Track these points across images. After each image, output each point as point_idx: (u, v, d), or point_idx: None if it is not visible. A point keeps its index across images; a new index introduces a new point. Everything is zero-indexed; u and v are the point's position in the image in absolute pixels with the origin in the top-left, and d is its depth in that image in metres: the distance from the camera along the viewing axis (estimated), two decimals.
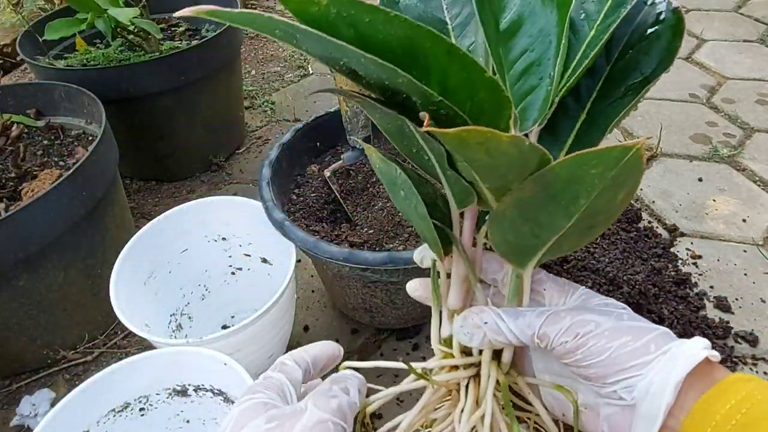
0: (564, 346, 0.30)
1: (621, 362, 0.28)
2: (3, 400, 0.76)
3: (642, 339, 0.29)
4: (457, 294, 0.35)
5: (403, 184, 0.32)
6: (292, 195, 0.77)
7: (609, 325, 0.29)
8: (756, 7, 1.65)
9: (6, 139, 0.82)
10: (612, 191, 0.25)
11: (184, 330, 0.75)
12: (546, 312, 0.31)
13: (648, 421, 0.28)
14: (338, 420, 0.29)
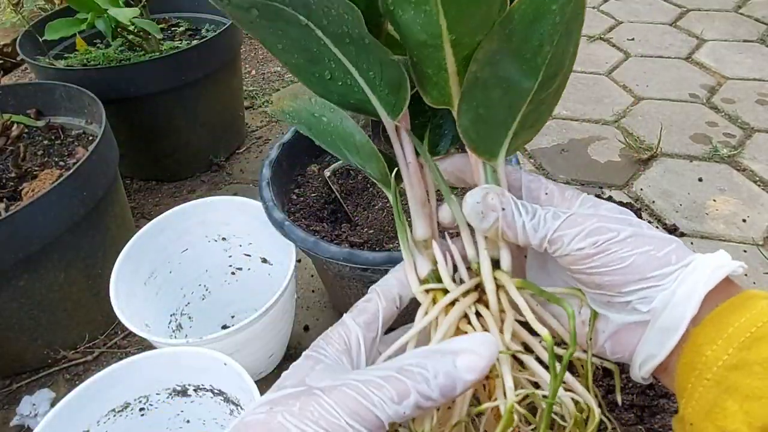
0: (580, 252, 0.28)
1: (642, 271, 0.27)
2: (3, 400, 0.76)
3: (663, 249, 0.27)
4: (420, 221, 0.32)
5: (322, 108, 0.31)
6: (292, 195, 0.77)
7: (629, 232, 0.28)
8: (756, 7, 1.65)
9: (6, 139, 0.82)
10: (565, 40, 0.27)
11: (184, 330, 0.75)
12: (563, 214, 0.29)
13: (666, 333, 0.27)
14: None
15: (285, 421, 0.23)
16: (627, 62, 1.43)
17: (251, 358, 0.62)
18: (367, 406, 0.23)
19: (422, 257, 0.32)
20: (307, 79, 0.30)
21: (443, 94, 0.29)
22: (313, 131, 0.33)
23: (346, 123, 0.31)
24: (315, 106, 0.31)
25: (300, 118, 0.33)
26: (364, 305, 0.31)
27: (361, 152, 0.31)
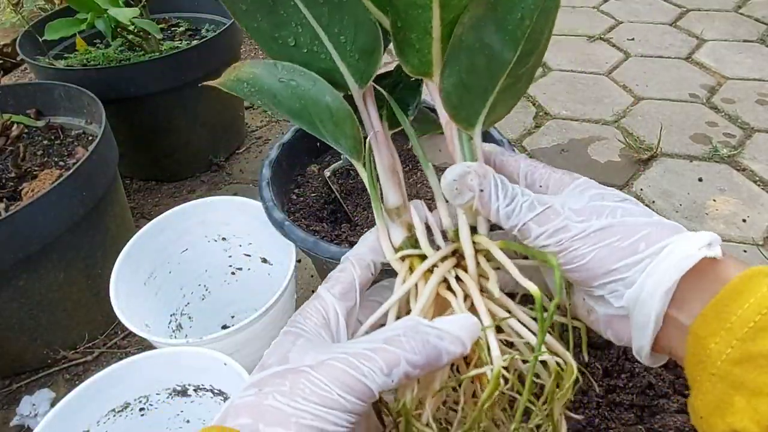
0: (546, 248, 0.28)
1: (604, 265, 0.26)
2: (3, 400, 0.76)
3: (631, 237, 0.26)
4: (391, 189, 0.32)
5: (291, 72, 0.29)
6: (292, 195, 0.77)
7: (598, 225, 0.27)
8: (756, 7, 1.65)
9: (6, 139, 0.82)
10: (543, 19, 0.27)
11: (184, 330, 0.75)
12: (539, 206, 0.29)
13: (641, 329, 0.26)
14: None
15: (276, 402, 0.23)
16: (627, 62, 1.43)
17: (251, 358, 0.62)
18: (357, 377, 0.23)
19: (395, 225, 0.32)
20: (269, 46, 0.29)
21: (424, 62, 0.29)
22: (279, 99, 0.30)
23: (319, 86, 0.29)
24: (282, 71, 0.29)
25: (261, 85, 0.30)
26: (339, 275, 0.31)
27: (335, 117, 0.30)
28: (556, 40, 1.55)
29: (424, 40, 0.28)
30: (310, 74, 0.29)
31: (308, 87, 0.29)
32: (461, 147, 0.32)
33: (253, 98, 0.31)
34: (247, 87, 0.31)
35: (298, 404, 0.23)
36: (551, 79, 1.38)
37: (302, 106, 0.30)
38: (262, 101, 0.31)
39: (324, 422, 0.23)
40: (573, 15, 1.69)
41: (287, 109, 0.31)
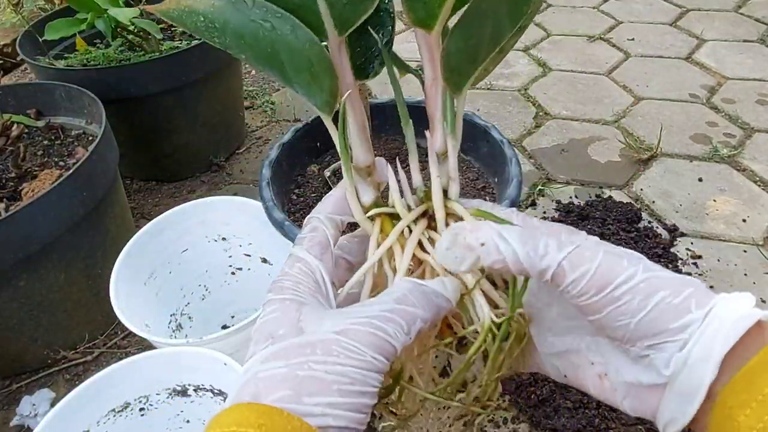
0: (587, 299, 0.24)
1: (658, 324, 0.23)
2: (3, 400, 0.76)
3: (682, 294, 0.23)
4: (362, 147, 0.31)
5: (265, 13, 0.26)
6: (292, 195, 0.77)
7: (643, 274, 0.24)
8: (756, 7, 1.65)
9: (6, 139, 0.82)
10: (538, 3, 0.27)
11: (184, 330, 0.75)
12: (569, 244, 0.25)
13: (685, 398, 0.23)
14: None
15: (313, 372, 0.23)
16: (627, 62, 1.43)
17: None
18: (384, 338, 0.24)
19: (365, 184, 0.32)
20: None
21: (430, 15, 0.28)
22: (247, 42, 0.27)
23: (299, 32, 0.26)
24: (254, 9, 0.26)
25: (224, 22, 0.26)
26: (312, 235, 0.30)
27: (314, 68, 0.27)
28: (556, 40, 1.56)
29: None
30: (288, 17, 0.26)
31: (285, 32, 0.26)
32: (444, 108, 0.31)
33: (207, 34, 0.27)
34: (203, 21, 0.27)
35: (337, 369, 0.23)
36: (551, 79, 1.38)
37: (274, 51, 0.27)
38: (221, 40, 0.27)
39: (363, 384, 0.23)
40: (573, 15, 1.69)
41: (254, 54, 0.27)
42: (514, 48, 1.56)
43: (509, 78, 1.39)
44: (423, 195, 0.33)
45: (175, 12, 0.27)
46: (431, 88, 0.31)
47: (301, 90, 0.28)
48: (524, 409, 0.67)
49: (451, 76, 0.30)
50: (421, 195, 0.33)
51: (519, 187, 0.69)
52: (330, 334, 0.24)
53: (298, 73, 0.28)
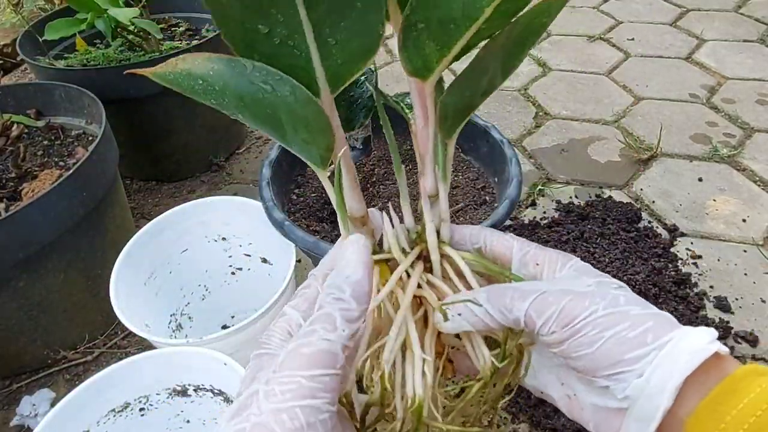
0: (553, 336, 0.27)
1: (613, 355, 0.25)
2: (3, 400, 0.76)
3: (638, 328, 0.25)
4: (355, 198, 0.32)
5: (266, 75, 0.26)
6: (292, 195, 0.77)
7: (603, 311, 0.26)
8: (756, 7, 1.65)
9: (6, 139, 0.82)
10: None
11: (184, 330, 0.75)
12: (532, 293, 0.28)
13: (642, 423, 0.25)
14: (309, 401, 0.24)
15: (258, 419, 0.23)
16: (627, 62, 1.43)
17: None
18: (312, 350, 0.24)
19: (360, 233, 0.33)
20: (231, 30, 0.26)
21: (427, 68, 0.29)
22: (245, 103, 0.27)
23: (299, 94, 0.26)
24: (254, 71, 0.26)
25: (224, 85, 0.27)
26: (304, 291, 0.31)
27: (310, 127, 0.28)
28: (556, 40, 1.56)
29: (440, 52, 0.28)
30: (287, 79, 0.26)
31: (285, 94, 0.26)
32: (435, 154, 0.33)
33: (204, 96, 0.27)
34: (201, 84, 0.27)
35: (279, 406, 0.23)
36: (551, 79, 1.38)
37: (273, 112, 0.27)
38: (219, 101, 0.27)
39: (309, 413, 0.23)
40: (573, 15, 1.69)
41: (252, 114, 0.28)
42: None
43: (509, 78, 1.39)
44: (416, 236, 0.34)
45: (171, 75, 0.27)
46: (422, 131, 0.32)
47: (297, 147, 0.29)
48: (524, 409, 0.67)
49: (445, 124, 0.31)
50: (414, 236, 0.34)
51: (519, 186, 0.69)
52: (269, 374, 0.24)
53: (296, 132, 0.28)
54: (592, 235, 0.87)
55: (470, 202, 0.77)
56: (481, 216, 0.73)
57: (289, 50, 0.26)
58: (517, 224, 0.95)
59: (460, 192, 0.80)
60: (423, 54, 0.28)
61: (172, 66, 0.27)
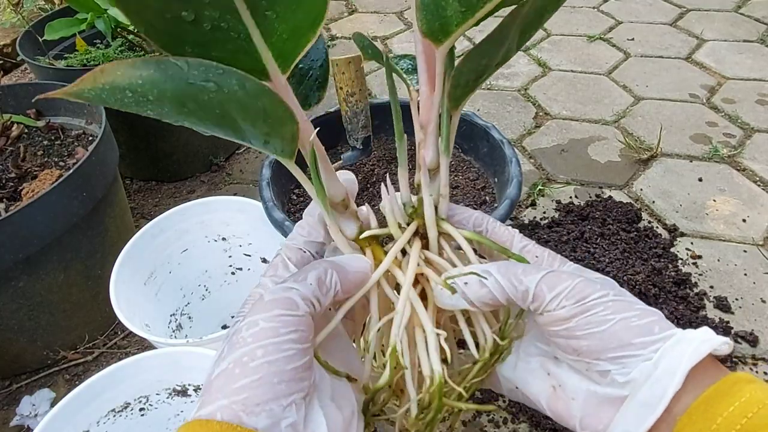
0: (561, 311, 0.26)
1: (622, 337, 0.25)
2: (3, 400, 0.76)
3: (646, 318, 0.26)
4: (332, 182, 0.31)
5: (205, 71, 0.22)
6: (292, 195, 0.77)
7: (614, 297, 0.26)
8: (756, 7, 1.65)
9: (6, 139, 0.82)
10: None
11: (184, 330, 0.75)
12: (543, 269, 0.28)
13: (646, 408, 0.24)
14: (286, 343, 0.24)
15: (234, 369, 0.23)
16: (627, 62, 1.43)
17: None
18: (273, 297, 0.25)
19: (345, 218, 0.32)
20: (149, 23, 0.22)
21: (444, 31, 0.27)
22: (189, 108, 0.24)
23: (250, 86, 0.23)
24: (191, 70, 0.22)
25: (160, 92, 0.23)
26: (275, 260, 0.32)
27: (270, 119, 0.25)
28: (556, 40, 1.56)
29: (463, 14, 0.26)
30: (232, 71, 0.22)
31: (233, 89, 0.23)
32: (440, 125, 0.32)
33: (138, 108, 0.23)
34: (131, 96, 0.23)
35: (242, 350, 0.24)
36: (551, 79, 1.38)
37: (223, 111, 0.24)
38: (158, 111, 0.24)
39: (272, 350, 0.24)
40: (573, 15, 1.69)
41: (200, 118, 0.24)
42: None
43: (509, 78, 1.39)
44: (411, 210, 0.33)
45: (92, 92, 0.23)
46: (427, 99, 0.31)
47: (259, 143, 0.26)
48: (524, 409, 0.67)
49: (456, 92, 0.29)
50: (410, 210, 0.33)
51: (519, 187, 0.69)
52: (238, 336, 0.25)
53: (254, 127, 0.25)
54: (592, 235, 0.87)
55: (470, 202, 0.77)
56: None
57: (224, 34, 0.23)
58: (517, 224, 0.95)
59: (460, 192, 0.80)
60: (443, 15, 0.26)
61: (91, 81, 0.23)
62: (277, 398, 0.23)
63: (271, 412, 0.23)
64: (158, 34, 0.22)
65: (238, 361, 0.23)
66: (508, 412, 0.68)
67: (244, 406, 0.22)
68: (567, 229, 0.90)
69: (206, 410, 0.22)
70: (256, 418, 0.22)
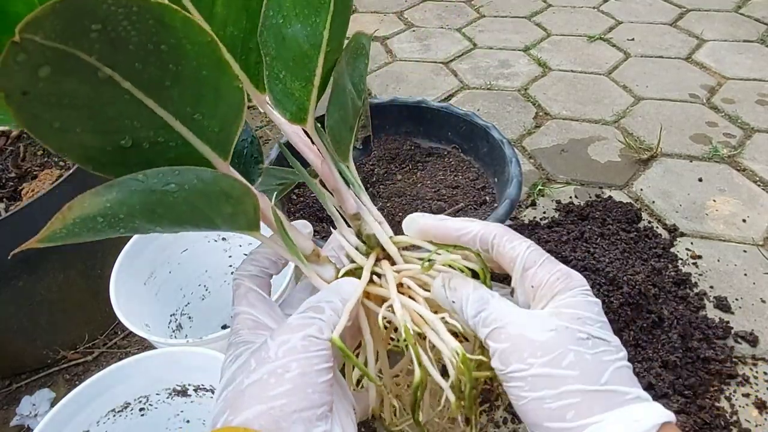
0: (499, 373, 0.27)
1: (533, 418, 0.25)
2: (3, 400, 0.76)
3: (561, 401, 0.24)
4: (300, 238, 0.33)
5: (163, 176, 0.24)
6: (292, 195, 0.78)
7: (537, 369, 0.25)
8: (756, 7, 1.65)
9: (6, 139, 0.82)
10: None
11: (184, 330, 0.75)
12: (492, 325, 0.27)
13: None
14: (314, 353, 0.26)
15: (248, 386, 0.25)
16: (627, 62, 1.43)
17: None
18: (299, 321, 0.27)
19: (321, 266, 0.34)
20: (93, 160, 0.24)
21: (302, 109, 0.31)
22: (159, 213, 0.25)
23: (205, 176, 0.25)
24: (150, 179, 0.24)
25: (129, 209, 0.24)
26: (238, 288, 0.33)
27: (233, 199, 0.27)
28: (556, 40, 1.56)
29: (306, 88, 0.30)
30: (187, 168, 0.25)
31: (193, 182, 0.25)
32: (342, 177, 0.35)
33: (112, 231, 0.25)
34: (102, 221, 0.24)
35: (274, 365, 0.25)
36: (551, 79, 1.38)
37: (190, 206, 0.26)
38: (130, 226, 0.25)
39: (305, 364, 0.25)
40: (573, 15, 1.69)
41: (171, 220, 0.26)
42: (513, 48, 1.54)
43: (509, 78, 1.39)
44: (365, 249, 0.36)
45: (64, 231, 0.24)
46: (323, 168, 0.34)
47: (226, 225, 0.28)
48: None
49: (338, 146, 0.33)
50: (363, 249, 0.36)
51: (519, 186, 0.69)
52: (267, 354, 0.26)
53: (221, 211, 0.27)
54: (592, 235, 0.87)
55: (470, 202, 0.77)
56: (481, 216, 0.73)
57: (163, 146, 0.25)
58: (517, 224, 0.95)
59: (460, 192, 0.80)
60: (294, 98, 0.30)
61: (61, 221, 0.23)
62: (311, 407, 0.24)
63: (306, 420, 0.24)
64: (105, 166, 0.24)
65: (273, 372, 0.25)
66: (508, 412, 0.68)
67: (282, 412, 0.24)
68: (567, 229, 0.90)
69: (242, 416, 0.23)
70: (293, 425, 0.23)
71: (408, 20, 1.73)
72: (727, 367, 0.70)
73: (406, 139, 0.89)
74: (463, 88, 1.36)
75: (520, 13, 1.73)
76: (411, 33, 1.65)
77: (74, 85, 0.21)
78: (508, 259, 0.30)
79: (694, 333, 0.74)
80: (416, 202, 0.76)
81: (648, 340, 0.72)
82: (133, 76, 0.22)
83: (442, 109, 0.86)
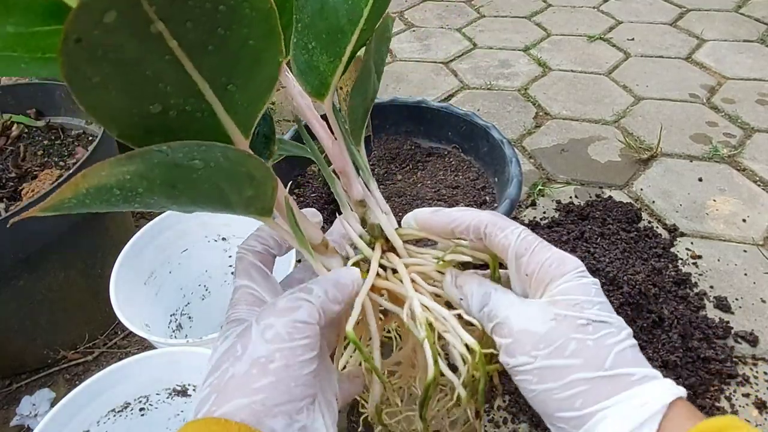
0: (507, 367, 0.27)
1: (544, 408, 0.25)
2: (3, 400, 0.76)
3: (569, 390, 0.24)
4: (310, 228, 0.33)
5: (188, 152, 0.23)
6: (292, 195, 0.78)
7: (540, 362, 0.25)
8: (756, 7, 1.65)
9: (6, 139, 0.82)
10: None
11: (184, 330, 0.75)
12: (495, 320, 0.28)
13: None
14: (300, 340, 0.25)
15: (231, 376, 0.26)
16: (627, 62, 1.43)
17: None
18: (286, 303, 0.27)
19: (328, 256, 0.34)
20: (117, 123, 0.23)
21: (324, 84, 0.30)
22: (180, 189, 0.24)
23: (230, 153, 0.24)
24: (175, 152, 0.22)
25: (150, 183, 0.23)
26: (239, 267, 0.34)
27: (255, 182, 0.26)
28: (556, 40, 1.56)
29: (333, 63, 0.29)
30: (214, 145, 0.23)
31: (219, 161, 0.23)
32: (354, 157, 0.35)
33: (127, 205, 0.23)
34: (119, 194, 0.23)
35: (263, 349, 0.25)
36: (551, 79, 1.38)
37: (212, 185, 0.25)
38: (147, 201, 0.24)
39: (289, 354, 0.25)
40: (573, 15, 1.69)
41: (191, 197, 0.25)
42: (513, 47, 1.54)
43: (509, 78, 1.39)
44: (368, 239, 0.35)
45: (74, 200, 0.22)
46: (333, 149, 0.34)
47: (242, 209, 0.27)
48: (524, 409, 0.67)
49: (355, 127, 0.33)
50: (367, 239, 0.35)
51: (519, 186, 0.69)
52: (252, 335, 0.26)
53: (240, 194, 0.26)
54: (592, 235, 0.87)
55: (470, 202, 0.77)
56: None
57: (189, 116, 0.24)
58: None
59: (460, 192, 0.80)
60: (318, 71, 0.29)
61: (73, 189, 0.22)
62: (293, 401, 0.24)
63: (288, 414, 0.24)
64: (125, 129, 0.23)
65: (256, 362, 0.25)
66: (508, 412, 0.68)
67: (264, 406, 0.23)
68: (567, 229, 0.90)
69: (224, 409, 0.23)
70: (274, 419, 0.23)
71: (408, 20, 1.73)
72: (727, 367, 0.70)
73: (406, 139, 0.89)
74: (463, 88, 1.36)
75: (520, 13, 1.73)
76: (411, 33, 1.65)
77: (124, 38, 0.20)
78: (500, 248, 0.30)
79: (694, 333, 0.74)
80: (416, 202, 0.76)
81: (648, 339, 0.72)
82: (180, 34, 0.20)
83: (442, 109, 0.86)
